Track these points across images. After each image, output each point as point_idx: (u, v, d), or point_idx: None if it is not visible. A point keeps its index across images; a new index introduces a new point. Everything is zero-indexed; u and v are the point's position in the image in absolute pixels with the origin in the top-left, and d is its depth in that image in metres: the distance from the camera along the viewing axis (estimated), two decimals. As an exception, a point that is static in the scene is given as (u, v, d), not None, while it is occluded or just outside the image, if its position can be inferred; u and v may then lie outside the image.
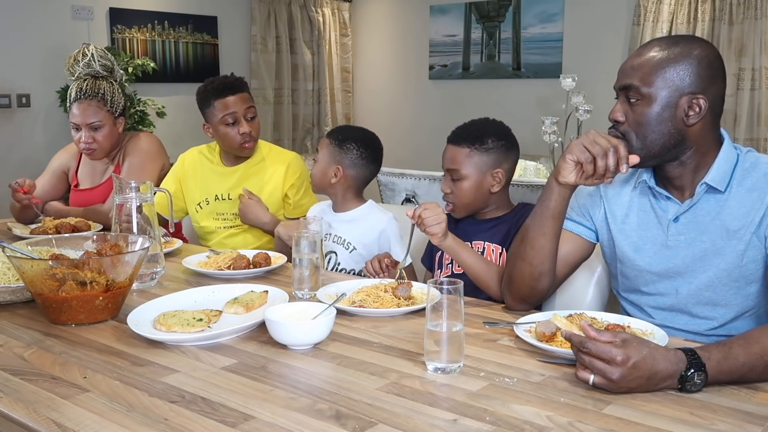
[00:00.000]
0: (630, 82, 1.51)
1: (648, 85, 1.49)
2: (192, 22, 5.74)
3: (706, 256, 1.55)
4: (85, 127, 2.66)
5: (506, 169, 1.98)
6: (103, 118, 2.68)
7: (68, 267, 1.54)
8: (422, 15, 6.33)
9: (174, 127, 5.32)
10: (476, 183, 1.96)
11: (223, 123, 2.54)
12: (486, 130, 1.98)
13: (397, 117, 6.55)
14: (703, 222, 1.55)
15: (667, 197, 1.59)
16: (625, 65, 1.54)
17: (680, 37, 1.55)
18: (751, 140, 4.90)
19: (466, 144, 1.97)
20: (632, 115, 1.52)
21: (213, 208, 2.68)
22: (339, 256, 2.23)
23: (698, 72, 1.48)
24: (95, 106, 2.66)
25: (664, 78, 1.48)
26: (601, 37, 5.43)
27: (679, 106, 1.49)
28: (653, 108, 1.49)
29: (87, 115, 2.66)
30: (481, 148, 1.95)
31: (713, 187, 1.53)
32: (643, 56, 1.51)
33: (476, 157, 1.95)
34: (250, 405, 1.14)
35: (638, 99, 1.50)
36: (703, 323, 1.60)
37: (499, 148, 1.97)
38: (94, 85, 2.68)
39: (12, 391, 1.20)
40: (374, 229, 2.21)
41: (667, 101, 1.49)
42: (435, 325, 1.27)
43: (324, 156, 2.26)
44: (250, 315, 1.58)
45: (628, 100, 1.52)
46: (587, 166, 1.49)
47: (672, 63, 1.48)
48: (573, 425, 1.08)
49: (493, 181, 1.96)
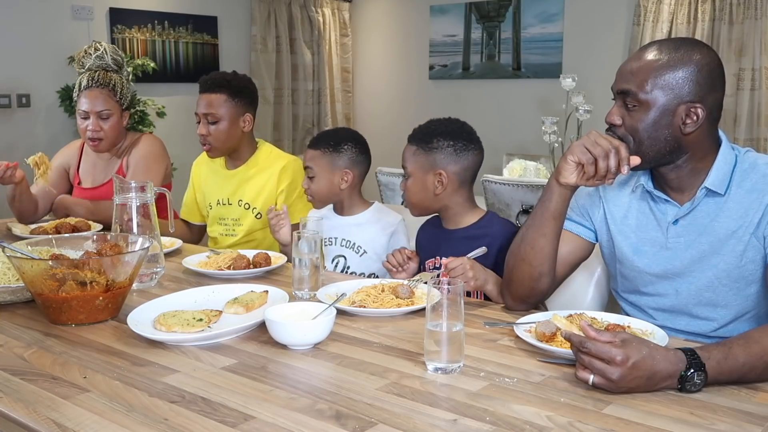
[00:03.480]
0: (628, 87, 1.50)
1: (646, 91, 1.48)
2: (192, 22, 5.74)
3: (706, 258, 1.55)
4: (94, 115, 2.68)
5: (454, 172, 1.92)
6: (112, 108, 2.70)
7: (68, 267, 1.54)
8: (422, 15, 6.33)
9: (174, 127, 5.32)
10: (420, 182, 1.94)
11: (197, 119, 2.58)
12: (436, 130, 1.95)
13: (398, 117, 6.55)
14: (702, 224, 1.55)
15: (665, 200, 1.59)
16: (624, 68, 1.53)
17: (681, 41, 1.52)
18: (751, 140, 4.90)
19: (414, 142, 1.96)
20: (629, 119, 1.51)
21: (216, 213, 2.68)
22: (349, 260, 2.23)
23: (698, 80, 1.47)
24: (106, 95, 2.70)
25: (663, 85, 1.47)
26: (601, 37, 5.43)
27: (676, 113, 1.48)
28: (650, 114, 1.48)
29: (97, 102, 2.68)
30: (426, 147, 1.93)
31: (713, 190, 1.53)
32: (643, 60, 1.50)
33: (420, 156, 1.94)
34: (250, 405, 1.14)
35: (635, 105, 1.50)
36: (703, 324, 1.60)
37: (445, 149, 1.92)
38: (105, 75, 2.72)
39: (12, 391, 1.20)
40: (385, 231, 2.21)
41: (664, 108, 1.48)
42: (435, 325, 1.27)
43: (323, 167, 2.21)
44: (250, 315, 1.58)
45: (625, 104, 1.52)
46: (588, 168, 1.48)
47: (671, 69, 1.47)
48: (573, 425, 1.08)
49: (437, 183, 1.92)
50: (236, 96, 2.54)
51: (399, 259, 1.95)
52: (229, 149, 2.59)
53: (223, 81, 2.54)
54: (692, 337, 1.58)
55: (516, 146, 5.35)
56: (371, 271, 2.21)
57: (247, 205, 2.60)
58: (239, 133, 2.56)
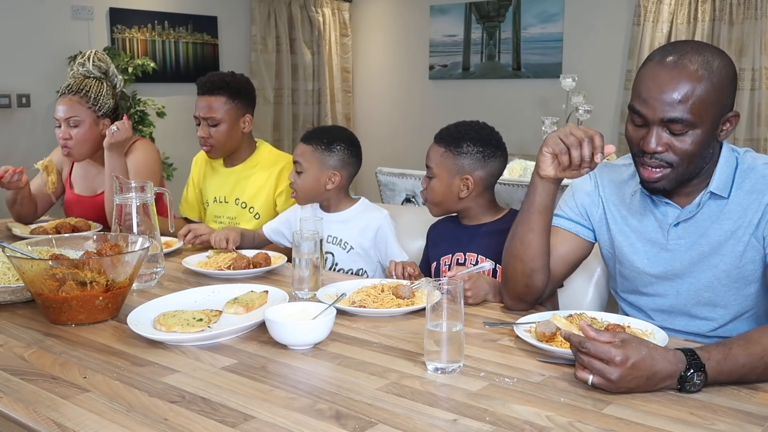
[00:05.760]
0: (676, 116, 1.43)
1: (696, 116, 1.43)
2: (192, 22, 5.74)
3: (705, 258, 1.55)
4: (64, 122, 2.59)
5: (480, 177, 1.94)
6: (82, 115, 2.58)
7: (68, 267, 1.54)
8: (422, 15, 6.33)
9: (174, 127, 5.32)
10: (445, 184, 1.95)
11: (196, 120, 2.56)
12: (466, 134, 1.96)
13: (398, 117, 6.55)
14: (703, 226, 1.55)
15: (666, 203, 1.58)
16: (665, 98, 1.43)
17: (709, 55, 1.44)
18: (751, 140, 4.90)
19: (443, 144, 1.96)
20: (678, 143, 1.45)
21: (212, 210, 2.68)
22: (336, 257, 2.23)
23: (732, 90, 1.46)
24: (76, 102, 2.58)
25: (709, 105, 1.43)
26: (601, 37, 5.43)
27: (719, 126, 1.47)
28: (701, 135, 1.45)
29: (66, 109, 2.58)
30: (455, 151, 1.94)
31: (717, 194, 1.52)
32: (683, 85, 1.42)
33: (448, 159, 1.94)
34: (250, 405, 1.14)
35: (686, 130, 1.44)
36: (702, 324, 1.60)
37: (474, 155, 1.93)
38: (81, 82, 2.62)
39: (12, 391, 1.20)
40: (370, 227, 2.21)
41: (712, 124, 1.46)
42: (435, 325, 1.27)
43: (312, 164, 2.19)
44: (250, 315, 1.58)
45: (669, 130, 1.45)
46: (562, 157, 1.48)
47: (713, 89, 1.42)
48: (573, 425, 1.08)
49: (462, 187, 1.93)
50: (236, 97, 2.53)
51: (399, 274, 1.94)
52: (229, 150, 2.59)
53: (222, 83, 2.53)
54: (691, 337, 1.58)
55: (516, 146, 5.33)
56: (359, 267, 2.21)
57: (244, 204, 2.60)
58: (240, 133, 2.56)
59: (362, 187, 5.81)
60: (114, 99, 2.67)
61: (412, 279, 1.89)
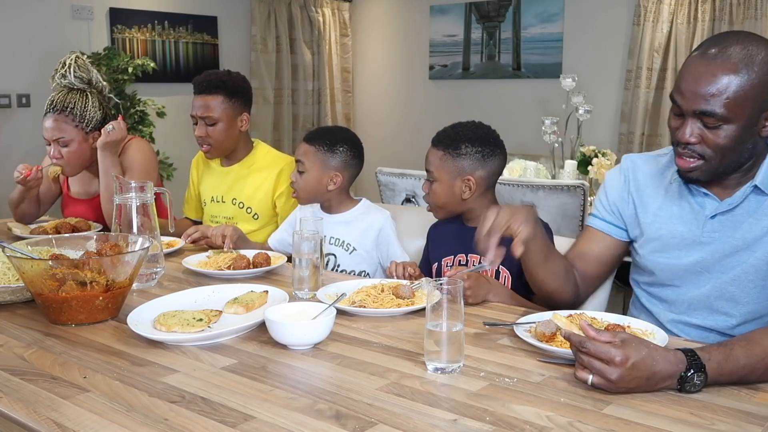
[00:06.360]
0: (709, 109, 1.42)
1: (730, 110, 1.41)
2: (192, 22, 5.74)
3: (737, 253, 1.54)
4: (53, 142, 2.54)
5: (481, 177, 1.94)
6: (71, 134, 2.53)
7: (68, 267, 1.54)
8: (422, 15, 6.33)
9: (174, 127, 5.32)
10: (447, 187, 1.95)
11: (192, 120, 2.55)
12: (463, 135, 1.95)
13: (397, 117, 6.55)
14: (739, 221, 1.54)
15: (704, 194, 1.57)
16: (700, 89, 1.42)
17: (754, 48, 1.41)
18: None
19: (441, 147, 1.96)
20: (711, 136, 1.45)
21: (209, 210, 2.68)
22: (339, 258, 2.22)
23: None
24: (62, 121, 2.51)
25: (745, 99, 1.41)
26: (601, 37, 5.42)
27: (759, 120, 1.45)
28: (735, 130, 1.43)
29: (53, 130, 2.52)
30: (454, 153, 1.93)
31: (761, 189, 1.51)
32: (720, 78, 1.40)
33: (448, 161, 1.94)
34: (250, 405, 1.14)
35: (719, 123, 1.43)
36: (721, 320, 1.58)
37: (474, 155, 1.93)
38: (64, 98, 2.53)
39: (12, 391, 1.20)
40: (373, 228, 2.21)
41: (749, 119, 1.43)
42: (435, 325, 1.27)
43: (314, 164, 2.19)
44: (250, 315, 1.58)
45: (703, 123, 1.45)
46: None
47: (751, 84, 1.40)
48: (573, 425, 1.08)
49: (464, 188, 1.94)
50: (233, 96, 2.52)
51: (400, 273, 1.93)
52: (228, 149, 2.59)
53: (218, 82, 2.52)
54: (707, 333, 1.57)
55: (516, 146, 5.34)
56: (362, 268, 2.21)
57: (241, 204, 2.60)
58: (237, 132, 2.56)
59: (362, 187, 5.81)
60: (102, 109, 2.60)
61: (413, 279, 1.89)
